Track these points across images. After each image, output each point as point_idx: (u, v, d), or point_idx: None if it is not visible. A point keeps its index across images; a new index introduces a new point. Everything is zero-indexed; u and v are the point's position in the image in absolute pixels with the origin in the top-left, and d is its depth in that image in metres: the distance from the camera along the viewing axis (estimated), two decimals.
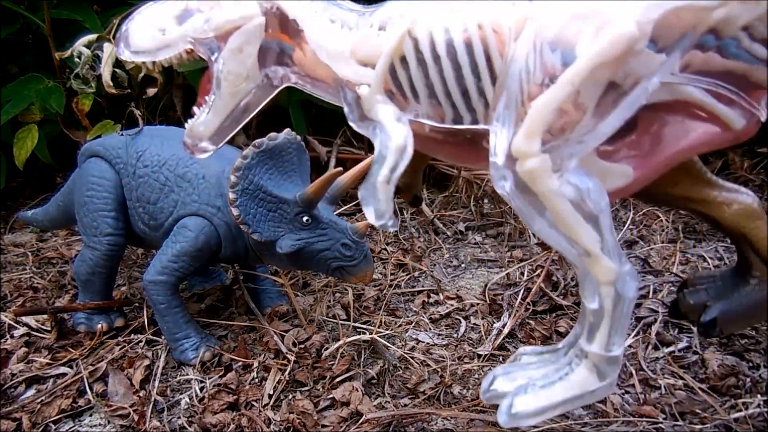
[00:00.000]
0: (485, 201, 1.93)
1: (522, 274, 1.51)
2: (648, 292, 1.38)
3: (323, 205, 1.12)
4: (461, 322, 1.32)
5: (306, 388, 1.12)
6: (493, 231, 1.80)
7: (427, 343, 1.25)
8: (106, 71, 1.47)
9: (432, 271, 1.56)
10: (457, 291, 1.47)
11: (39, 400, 1.09)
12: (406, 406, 1.05)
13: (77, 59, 1.50)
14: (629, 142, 0.68)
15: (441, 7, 0.69)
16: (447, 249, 1.70)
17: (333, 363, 1.16)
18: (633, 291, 0.68)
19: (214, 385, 1.12)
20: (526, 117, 0.63)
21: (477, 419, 1.00)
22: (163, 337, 1.22)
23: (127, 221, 1.26)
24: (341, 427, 1.00)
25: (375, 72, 0.71)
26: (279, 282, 1.38)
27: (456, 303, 1.40)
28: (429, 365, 1.16)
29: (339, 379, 1.12)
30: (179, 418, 1.06)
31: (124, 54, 0.85)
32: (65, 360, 1.21)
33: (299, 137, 1.18)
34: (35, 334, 1.31)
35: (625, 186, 0.69)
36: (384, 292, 1.45)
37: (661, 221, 1.76)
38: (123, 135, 1.29)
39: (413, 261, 1.59)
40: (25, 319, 1.34)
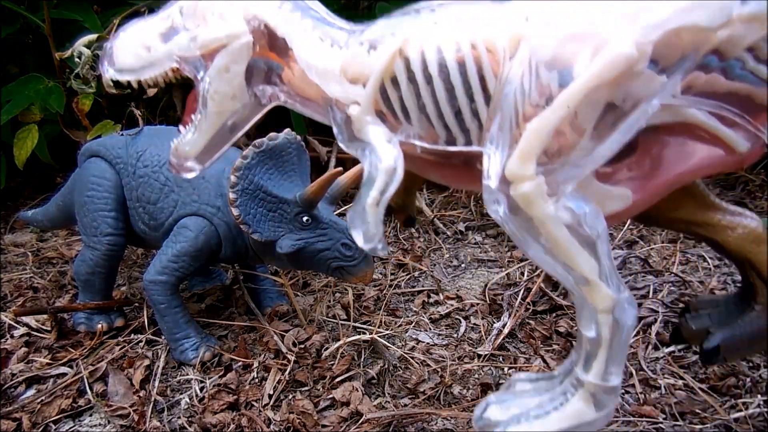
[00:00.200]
0: None
1: (522, 274, 1.51)
2: (648, 292, 1.38)
3: (323, 205, 1.12)
4: (461, 322, 1.32)
5: (306, 388, 1.12)
6: (493, 231, 1.80)
7: (427, 343, 1.25)
8: None
9: (432, 271, 1.56)
10: (457, 291, 1.47)
11: (39, 400, 1.09)
12: (406, 406, 1.05)
13: (77, 59, 1.50)
14: (628, 164, 0.66)
15: (433, 26, 0.67)
16: (447, 249, 1.70)
17: (333, 363, 1.16)
18: (632, 319, 0.66)
19: (214, 385, 1.12)
20: (520, 139, 0.61)
21: None
22: (163, 337, 1.22)
23: (127, 221, 1.26)
24: (341, 427, 1.00)
25: (365, 92, 0.69)
26: (279, 282, 1.38)
27: (456, 303, 1.40)
28: (429, 365, 1.16)
29: (339, 379, 1.12)
30: (179, 418, 1.06)
31: (108, 72, 0.82)
32: (65, 360, 1.21)
33: (299, 137, 1.18)
34: (35, 334, 1.31)
35: (624, 209, 0.67)
36: (384, 292, 1.45)
37: None
38: (123, 135, 1.29)
39: (413, 261, 1.60)
40: (25, 319, 1.34)
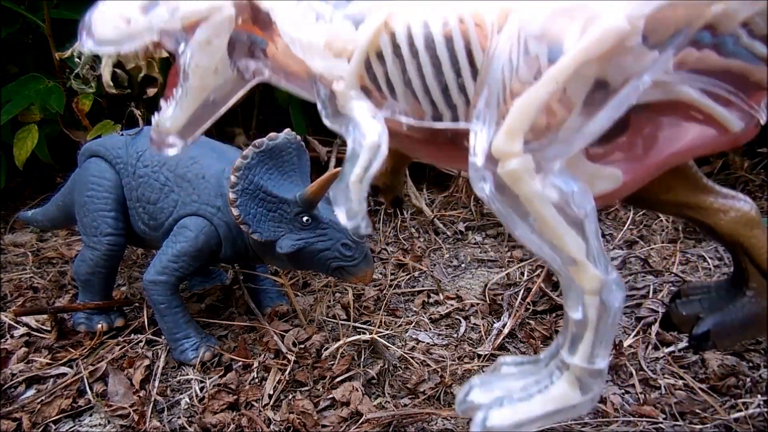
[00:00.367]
0: None
1: (522, 274, 1.51)
2: (648, 292, 1.38)
3: (323, 205, 1.12)
4: (461, 322, 1.32)
5: (306, 388, 1.12)
6: (493, 231, 1.80)
7: (427, 343, 1.25)
8: (106, 71, 1.47)
9: (432, 271, 1.56)
10: (457, 291, 1.47)
11: (39, 400, 1.09)
12: (406, 406, 1.05)
13: (77, 59, 1.49)
14: (619, 143, 0.64)
15: (421, 1, 0.65)
16: (447, 249, 1.70)
17: (333, 363, 1.16)
18: (619, 301, 0.64)
19: (214, 385, 1.12)
20: (507, 115, 0.60)
21: None
22: (163, 337, 1.22)
23: (127, 221, 1.26)
24: (341, 427, 1.00)
25: (349, 66, 0.67)
26: (279, 282, 1.38)
27: (456, 303, 1.40)
28: (429, 365, 1.16)
29: (339, 379, 1.12)
30: (179, 418, 1.06)
31: (87, 44, 0.81)
32: (65, 360, 1.21)
33: (299, 137, 1.18)
34: (35, 334, 1.31)
35: (614, 190, 0.65)
36: (384, 292, 1.45)
37: (661, 221, 1.76)
38: (123, 135, 1.29)
39: (413, 261, 1.60)
40: (25, 319, 1.34)
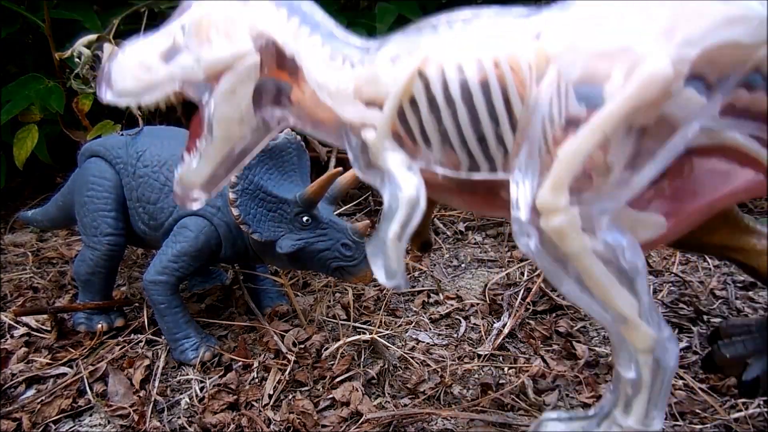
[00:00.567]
0: None
1: (522, 274, 1.51)
2: None
3: (323, 205, 1.12)
4: (461, 322, 1.32)
5: (306, 388, 1.12)
6: (493, 231, 1.80)
7: (427, 343, 1.25)
8: None
9: (432, 271, 1.56)
10: (457, 291, 1.47)
11: (39, 400, 1.09)
12: (406, 406, 1.05)
13: (77, 59, 1.50)
14: (662, 189, 0.61)
15: (453, 42, 0.62)
16: (447, 249, 1.70)
17: (333, 363, 1.16)
18: (674, 359, 0.62)
19: (214, 385, 1.12)
20: (552, 167, 0.57)
21: (477, 419, 1.00)
22: (163, 337, 1.22)
23: (127, 221, 1.26)
24: (341, 427, 1.00)
25: (382, 115, 0.64)
26: (279, 282, 1.38)
27: (456, 303, 1.40)
28: (429, 365, 1.16)
29: (339, 379, 1.12)
30: (179, 418, 1.05)
31: (106, 96, 0.77)
32: (65, 360, 1.21)
33: (299, 137, 1.18)
34: (35, 334, 1.31)
35: (658, 237, 0.63)
36: (384, 292, 1.45)
37: None
38: (123, 135, 1.29)
39: (413, 261, 1.59)
40: (25, 319, 1.33)
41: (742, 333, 0.75)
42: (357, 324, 1.31)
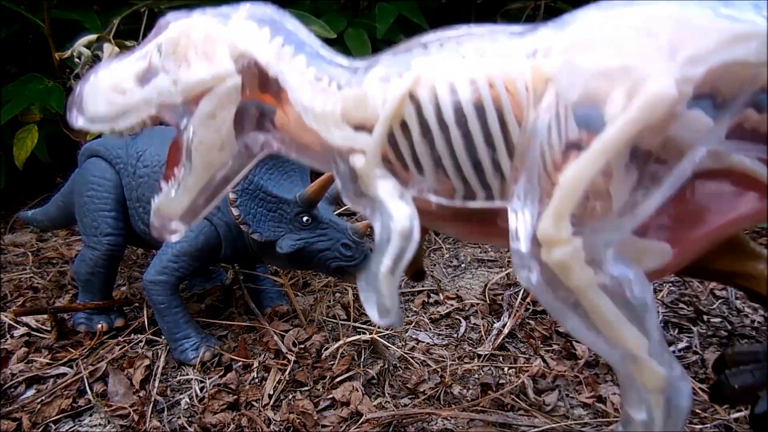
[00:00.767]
0: None
1: None
2: None
3: (323, 205, 1.12)
4: (461, 322, 1.32)
5: (306, 388, 1.12)
6: None
7: (427, 343, 1.25)
8: None
9: (432, 271, 1.56)
10: (457, 291, 1.47)
11: (39, 400, 1.09)
12: (406, 406, 1.05)
13: (77, 59, 1.50)
14: (666, 214, 0.57)
15: (445, 62, 0.59)
16: (447, 249, 1.70)
17: (333, 363, 1.16)
18: (687, 399, 0.58)
19: (214, 385, 1.12)
20: (553, 195, 0.53)
21: (477, 419, 1.00)
22: (163, 337, 1.22)
23: (127, 221, 1.26)
24: (341, 427, 1.00)
25: (372, 139, 0.60)
26: (279, 282, 1.38)
27: (456, 303, 1.40)
28: (429, 365, 1.16)
29: (339, 379, 1.12)
30: (179, 418, 1.05)
31: (77, 122, 0.73)
32: (65, 360, 1.21)
33: None
34: (35, 334, 1.31)
35: (663, 267, 0.59)
36: None
37: None
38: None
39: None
40: (25, 319, 1.33)
41: (749, 361, 0.72)
42: (357, 324, 1.31)
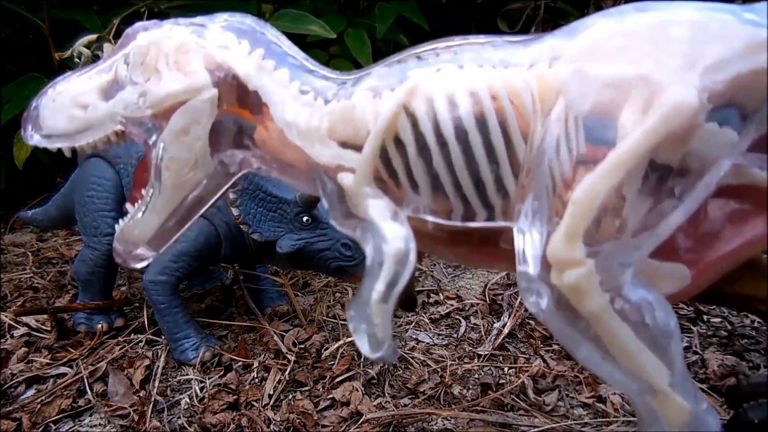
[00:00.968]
0: None
1: None
2: None
3: (323, 205, 1.12)
4: (461, 322, 1.32)
5: (306, 388, 1.12)
6: None
7: (427, 343, 1.25)
8: None
9: (432, 271, 1.56)
10: (457, 291, 1.47)
11: (39, 400, 1.09)
12: (406, 406, 1.05)
13: (77, 59, 1.50)
14: (683, 233, 0.53)
15: (442, 73, 0.54)
16: None
17: (333, 363, 1.16)
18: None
19: (214, 385, 1.12)
20: (564, 213, 0.49)
21: (477, 419, 1.00)
22: (163, 337, 1.22)
23: None
24: (341, 427, 1.00)
25: (362, 156, 0.56)
26: (279, 282, 1.38)
27: (456, 303, 1.40)
28: (429, 365, 1.16)
29: (339, 379, 1.12)
30: (179, 418, 1.05)
31: (32, 139, 0.67)
32: (65, 360, 1.21)
33: None
34: (35, 334, 1.31)
35: (681, 291, 0.54)
36: None
37: None
38: None
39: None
40: (25, 319, 1.33)
41: (766, 393, 0.69)
42: None
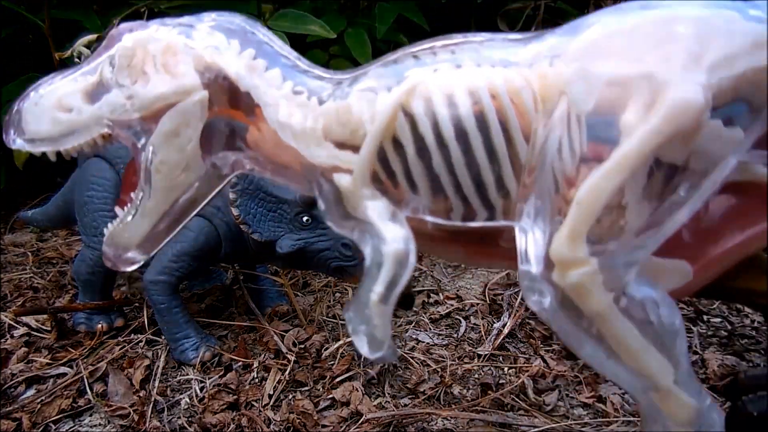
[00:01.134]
0: None
1: None
2: None
3: None
4: (461, 322, 1.32)
5: (306, 388, 1.12)
6: None
7: (427, 343, 1.25)
8: None
9: (432, 271, 1.56)
10: (457, 291, 1.47)
11: (39, 400, 1.09)
12: (406, 406, 1.05)
13: (77, 59, 1.49)
14: (687, 229, 0.53)
15: (441, 72, 0.54)
16: None
17: (333, 363, 1.16)
18: (720, 430, 0.53)
19: (214, 385, 1.12)
20: (568, 212, 0.48)
21: (477, 419, 1.00)
22: (163, 337, 1.22)
23: None
24: (341, 427, 1.00)
25: (359, 158, 0.55)
26: (279, 282, 1.38)
27: (456, 303, 1.40)
28: (429, 365, 1.16)
29: (339, 379, 1.12)
30: (179, 418, 1.05)
31: (14, 143, 0.67)
32: (65, 360, 1.21)
33: None
34: (35, 334, 1.31)
35: (683, 287, 0.54)
36: None
37: None
38: None
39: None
40: (25, 319, 1.33)
41: (765, 385, 0.69)
42: None
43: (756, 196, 0.53)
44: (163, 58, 0.61)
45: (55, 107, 0.64)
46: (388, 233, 0.55)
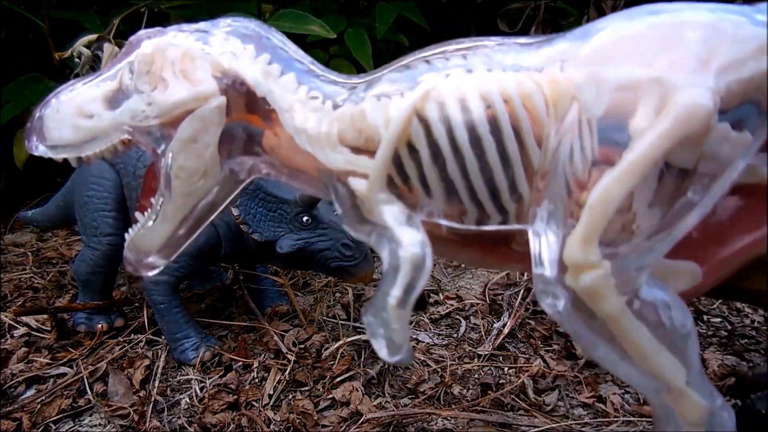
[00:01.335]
0: None
1: (522, 273, 1.51)
2: None
3: (323, 205, 1.12)
4: (461, 322, 1.32)
5: (306, 388, 1.12)
6: None
7: (427, 343, 1.25)
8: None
9: (432, 271, 1.56)
10: (457, 291, 1.47)
11: (39, 400, 1.09)
12: (406, 406, 1.05)
13: (77, 59, 1.50)
14: (697, 231, 0.53)
15: (453, 77, 0.54)
16: None
17: (333, 363, 1.16)
18: (731, 429, 0.53)
19: (214, 385, 1.12)
20: (580, 216, 0.49)
21: (477, 419, 1.00)
22: (163, 337, 1.22)
23: (127, 221, 1.25)
24: (341, 427, 1.00)
25: (375, 162, 0.56)
26: (279, 282, 1.38)
27: (456, 303, 1.40)
28: (429, 365, 1.16)
29: (339, 379, 1.12)
30: (179, 418, 1.05)
31: (37, 150, 0.67)
32: (65, 360, 1.21)
33: None
34: (35, 334, 1.31)
35: (693, 288, 0.55)
36: None
37: None
38: None
39: None
40: (25, 319, 1.33)
41: None
42: (357, 324, 1.31)
43: (764, 198, 0.54)
44: (181, 64, 0.61)
45: (76, 114, 0.65)
46: (404, 237, 0.56)
